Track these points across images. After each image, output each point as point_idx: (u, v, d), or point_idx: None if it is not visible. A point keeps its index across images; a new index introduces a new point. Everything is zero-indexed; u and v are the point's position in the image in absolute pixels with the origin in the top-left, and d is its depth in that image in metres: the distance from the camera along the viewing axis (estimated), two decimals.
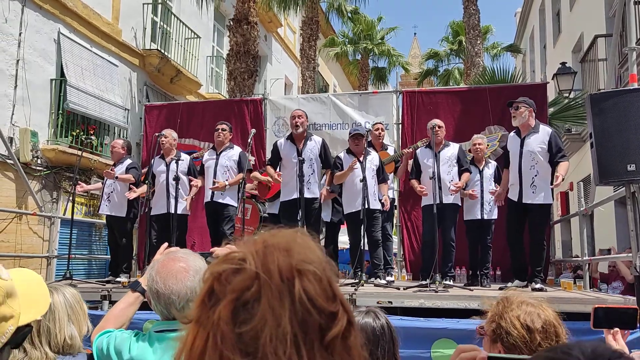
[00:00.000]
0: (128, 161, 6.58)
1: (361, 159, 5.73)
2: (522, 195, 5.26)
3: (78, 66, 9.12)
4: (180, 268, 1.71)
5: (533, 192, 5.22)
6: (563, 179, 4.97)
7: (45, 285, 1.43)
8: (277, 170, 5.94)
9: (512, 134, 5.61)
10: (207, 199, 6.18)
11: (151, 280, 1.72)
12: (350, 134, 6.00)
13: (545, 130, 5.31)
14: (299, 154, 5.74)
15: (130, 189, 6.23)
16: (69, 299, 2.02)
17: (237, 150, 6.27)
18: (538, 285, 5.19)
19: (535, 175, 5.21)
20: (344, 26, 21.19)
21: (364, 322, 1.66)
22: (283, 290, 0.65)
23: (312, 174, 5.72)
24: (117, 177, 6.24)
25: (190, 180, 6.30)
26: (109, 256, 7.03)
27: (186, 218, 6.40)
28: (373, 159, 5.88)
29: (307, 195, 5.53)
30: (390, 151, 6.73)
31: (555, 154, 5.17)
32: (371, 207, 5.63)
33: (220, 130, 6.19)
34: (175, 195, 5.93)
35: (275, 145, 6.08)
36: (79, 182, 6.67)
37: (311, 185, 5.69)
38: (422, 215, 6.09)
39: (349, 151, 5.97)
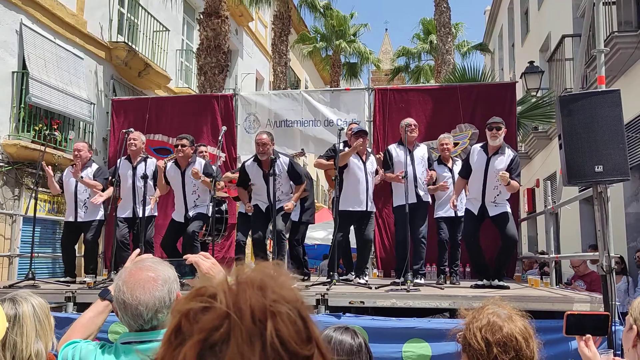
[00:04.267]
0: (94, 166, 6.38)
1: (364, 158, 5.81)
2: (485, 210, 5.46)
3: (41, 58, 8.81)
4: (149, 277, 1.63)
5: (495, 206, 5.46)
6: (509, 183, 5.16)
7: (1, 310, 1.36)
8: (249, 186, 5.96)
9: (477, 148, 5.67)
10: (178, 218, 5.95)
11: (118, 290, 1.64)
12: (353, 131, 5.79)
13: (509, 153, 5.46)
14: (266, 179, 5.67)
15: (95, 192, 6.10)
16: (38, 313, 1.94)
17: (199, 161, 5.96)
18: (501, 283, 5.33)
19: (498, 195, 5.44)
20: (316, 21, 21.11)
21: (342, 338, 1.64)
22: (254, 332, 0.60)
23: (280, 193, 5.68)
24: (82, 178, 6.02)
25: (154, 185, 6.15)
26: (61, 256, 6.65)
27: (153, 219, 6.30)
28: (373, 161, 5.97)
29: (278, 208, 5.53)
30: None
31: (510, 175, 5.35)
32: (368, 209, 5.82)
33: (180, 147, 5.76)
34: (143, 199, 5.71)
35: (242, 167, 5.95)
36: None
37: (281, 202, 5.68)
38: (395, 215, 6.13)
39: (346, 144, 5.83)
